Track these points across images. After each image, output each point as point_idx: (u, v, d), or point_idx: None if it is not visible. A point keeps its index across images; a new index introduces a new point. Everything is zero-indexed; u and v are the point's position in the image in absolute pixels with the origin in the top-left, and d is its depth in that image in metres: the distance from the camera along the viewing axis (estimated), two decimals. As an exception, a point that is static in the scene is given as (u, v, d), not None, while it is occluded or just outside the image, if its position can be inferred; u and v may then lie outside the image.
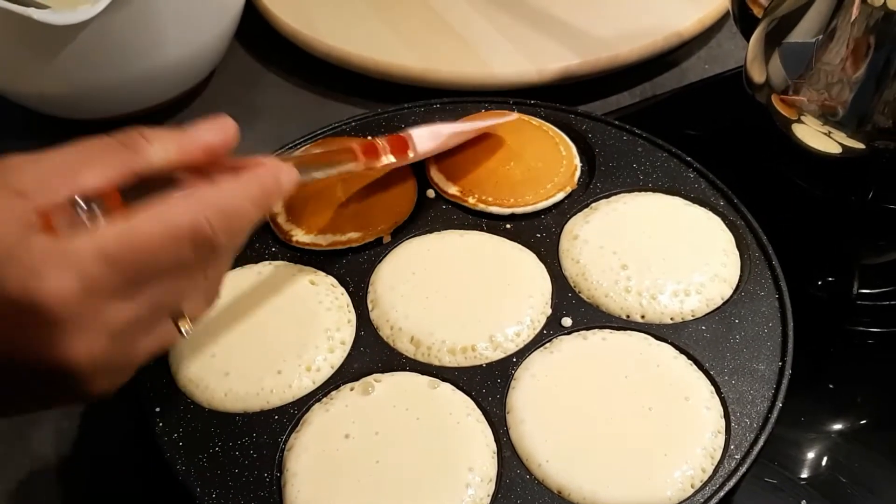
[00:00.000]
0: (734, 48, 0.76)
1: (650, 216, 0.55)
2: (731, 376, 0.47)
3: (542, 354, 0.48)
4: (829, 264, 0.58)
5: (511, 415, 0.46)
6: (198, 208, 0.35)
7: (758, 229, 0.53)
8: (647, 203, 0.56)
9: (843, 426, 0.52)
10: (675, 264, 0.52)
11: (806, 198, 0.60)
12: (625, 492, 0.43)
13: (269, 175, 0.40)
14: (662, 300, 0.50)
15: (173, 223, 0.34)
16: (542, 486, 0.43)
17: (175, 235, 0.34)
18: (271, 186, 0.40)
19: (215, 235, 0.35)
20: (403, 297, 0.51)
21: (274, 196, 0.40)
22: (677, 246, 0.53)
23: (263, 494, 0.43)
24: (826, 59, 0.52)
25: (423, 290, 0.51)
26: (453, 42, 0.73)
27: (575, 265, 0.52)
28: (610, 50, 0.71)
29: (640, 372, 0.47)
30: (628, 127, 0.60)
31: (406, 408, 0.46)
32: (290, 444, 0.45)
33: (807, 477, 0.49)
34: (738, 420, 0.45)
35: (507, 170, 0.57)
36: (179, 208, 0.35)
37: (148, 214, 0.34)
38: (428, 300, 0.50)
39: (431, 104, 0.63)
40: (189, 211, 0.35)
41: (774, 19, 0.56)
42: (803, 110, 0.54)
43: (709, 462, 0.44)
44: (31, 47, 0.61)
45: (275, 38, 0.76)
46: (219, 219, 0.35)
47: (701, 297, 0.50)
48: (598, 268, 0.52)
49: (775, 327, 0.49)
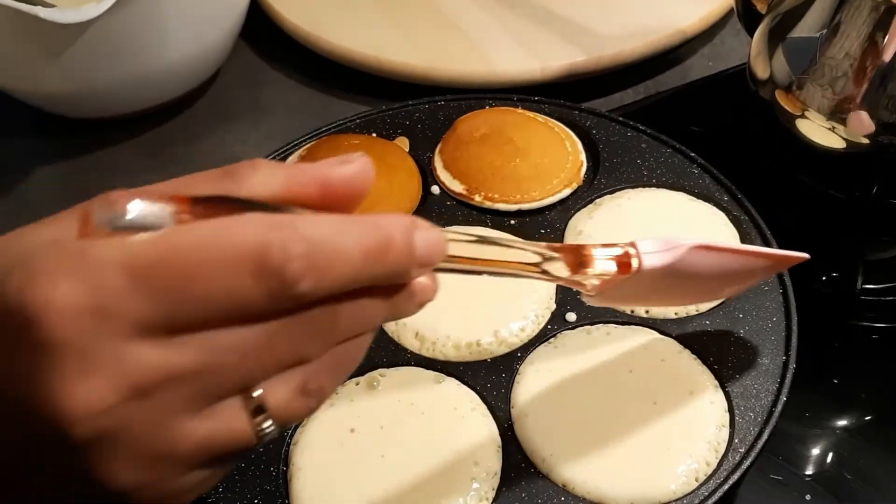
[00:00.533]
0: (738, 45, 0.76)
1: (654, 212, 0.55)
2: (736, 370, 0.47)
3: (546, 349, 0.48)
4: (833, 260, 0.58)
5: (516, 409, 0.46)
6: (272, 229, 0.25)
7: (762, 225, 0.53)
8: (651, 199, 0.56)
9: (848, 422, 0.52)
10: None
11: (810, 193, 0.60)
12: (629, 485, 0.43)
13: (398, 226, 0.28)
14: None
15: (232, 240, 0.25)
16: (546, 479, 0.43)
17: (230, 255, 0.25)
18: (397, 242, 0.28)
19: (290, 270, 0.25)
20: (408, 293, 0.51)
21: (394, 257, 0.28)
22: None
23: (269, 488, 0.44)
24: (830, 53, 0.52)
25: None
26: (457, 40, 0.73)
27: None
28: (613, 47, 0.71)
29: (645, 366, 0.47)
30: (632, 123, 0.60)
31: (411, 402, 0.46)
32: (295, 439, 0.45)
33: (811, 472, 0.49)
34: (743, 414, 0.45)
35: (514, 166, 0.57)
36: (247, 224, 0.25)
37: (202, 224, 0.25)
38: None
39: (435, 101, 0.63)
40: (259, 229, 0.25)
41: (778, 15, 0.57)
42: (807, 106, 0.54)
43: (713, 456, 0.44)
44: (37, 46, 0.61)
45: (280, 36, 0.77)
46: (301, 249, 0.25)
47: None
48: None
49: (779, 322, 0.49)
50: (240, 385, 0.27)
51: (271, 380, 0.27)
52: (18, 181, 0.68)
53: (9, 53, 0.63)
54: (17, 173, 0.69)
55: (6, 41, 0.62)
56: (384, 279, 0.28)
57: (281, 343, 0.27)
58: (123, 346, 0.24)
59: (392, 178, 0.57)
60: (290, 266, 0.25)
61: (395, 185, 0.56)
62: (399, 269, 0.28)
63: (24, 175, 0.68)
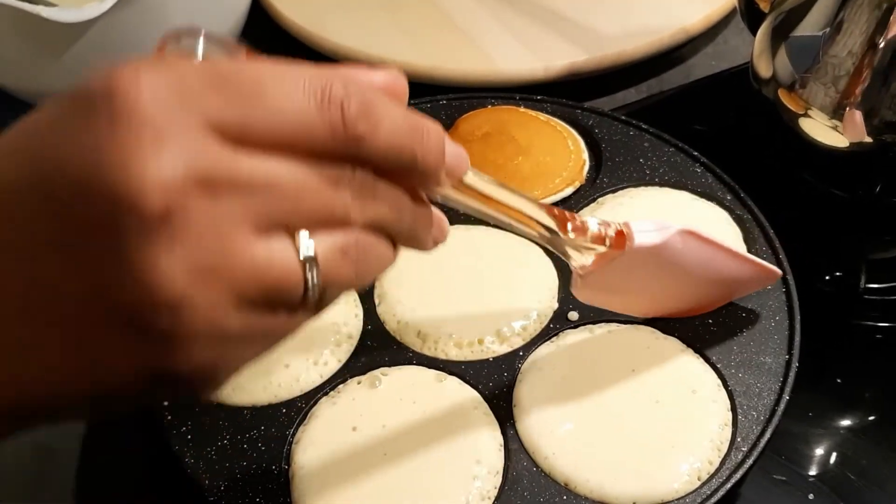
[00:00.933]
0: (741, 44, 0.76)
1: (657, 210, 0.55)
2: (738, 369, 0.47)
3: (548, 348, 0.48)
4: (837, 259, 0.58)
5: (518, 408, 0.46)
6: (338, 75, 0.28)
7: (765, 224, 0.53)
8: (653, 197, 0.56)
9: (851, 421, 0.52)
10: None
11: (813, 192, 0.60)
12: (631, 484, 0.43)
13: (434, 124, 0.30)
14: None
15: (301, 71, 0.27)
16: (548, 478, 0.43)
17: (300, 80, 0.27)
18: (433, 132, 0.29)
19: (349, 108, 0.27)
20: (410, 292, 0.51)
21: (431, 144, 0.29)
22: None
23: (272, 487, 0.44)
24: (833, 52, 0.52)
25: (429, 285, 0.51)
26: (459, 39, 0.73)
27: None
28: (616, 46, 0.71)
29: (647, 365, 0.47)
30: (635, 122, 0.60)
31: (413, 401, 0.46)
32: (297, 438, 0.45)
33: (814, 472, 0.49)
34: (745, 413, 0.45)
35: (516, 164, 0.57)
36: (315, 69, 0.28)
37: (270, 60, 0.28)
38: (434, 294, 0.51)
39: (437, 100, 0.63)
40: (326, 72, 0.28)
41: (781, 13, 0.56)
42: (810, 104, 0.54)
43: (716, 454, 0.44)
44: (39, 45, 0.61)
45: (281, 36, 0.76)
46: (360, 97, 0.27)
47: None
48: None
49: (782, 321, 0.49)
50: (294, 220, 0.27)
51: (318, 232, 0.27)
52: (21, 180, 0.68)
53: (11, 53, 0.63)
54: (19, 172, 0.68)
55: (8, 41, 0.62)
56: (420, 168, 0.29)
57: (332, 191, 0.27)
58: (200, 134, 0.25)
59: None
60: (351, 105, 0.27)
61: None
62: (432, 161, 0.30)
63: (27, 174, 0.68)
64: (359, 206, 0.28)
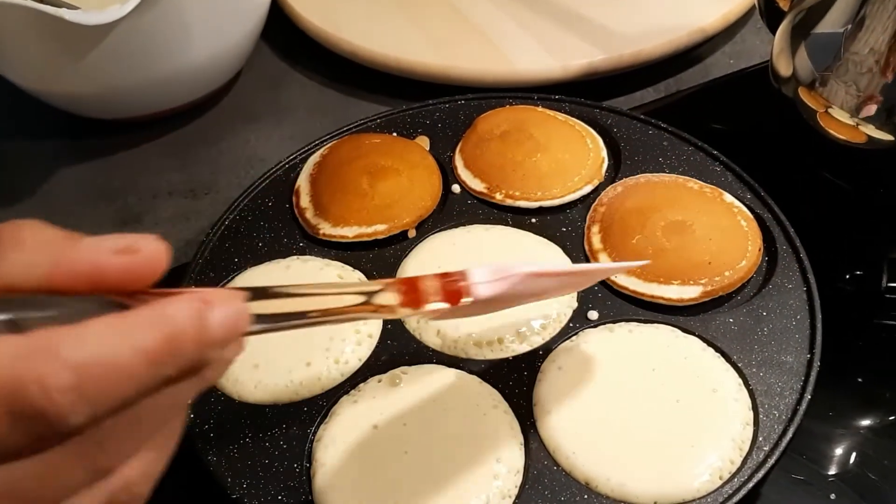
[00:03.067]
0: (758, 43, 0.76)
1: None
2: (759, 368, 0.47)
3: (568, 347, 0.48)
4: (858, 257, 0.57)
5: (538, 407, 0.46)
6: (26, 360, 0.22)
7: (785, 222, 0.53)
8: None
9: (872, 421, 0.52)
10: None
11: (834, 191, 0.60)
12: (652, 483, 0.43)
13: (187, 314, 0.25)
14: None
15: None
16: (569, 477, 0.43)
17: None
18: (188, 334, 0.25)
19: (54, 407, 0.22)
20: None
21: (188, 351, 0.25)
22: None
23: (293, 485, 0.44)
24: (855, 49, 0.52)
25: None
26: (477, 39, 0.73)
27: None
28: (634, 46, 0.71)
29: (668, 364, 0.47)
30: (654, 121, 0.60)
31: (433, 399, 0.46)
32: (319, 436, 0.45)
33: (835, 472, 0.49)
34: (767, 412, 0.45)
35: (535, 161, 0.57)
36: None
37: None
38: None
39: (456, 100, 0.63)
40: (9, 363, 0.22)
41: (802, 10, 0.56)
42: (830, 102, 0.54)
43: (737, 454, 0.43)
44: (61, 47, 0.62)
45: (300, 37, 0.77)
46: (66, 380, 0.22)
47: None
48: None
49: (803, 320, 0.49)
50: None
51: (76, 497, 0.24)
52: (43, 182, 0.69)
53: (34, 55, 0.64)
54: (41, 174, 0.69)
55: (31, 43, 0.62)
56: (180, 374, 0.25)
57: (69, 468, 0.24)
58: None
59: (413, 176, 0.57)
60: (55, 402, 0.22)
61: (415, 183, 0.57)
62: (195, 360, 0.26)
63: (49, 175, 0.69)
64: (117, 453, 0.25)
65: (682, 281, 0.50)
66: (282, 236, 0.55)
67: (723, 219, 0.53)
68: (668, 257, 0.51)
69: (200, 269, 0.53)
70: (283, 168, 0.59)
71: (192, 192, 0.67)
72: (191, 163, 0.69)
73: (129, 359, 0.24)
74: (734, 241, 0.52)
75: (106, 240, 0.26)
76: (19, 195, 0.68)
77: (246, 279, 0.53)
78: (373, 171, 0.57)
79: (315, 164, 0.59)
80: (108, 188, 0.68)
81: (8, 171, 0.70)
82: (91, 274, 0.26)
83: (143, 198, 0.67)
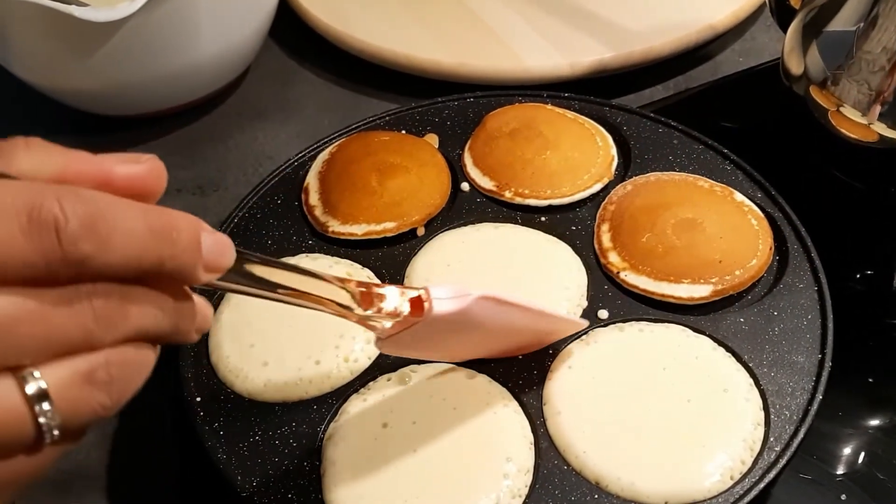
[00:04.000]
0: (768, 41, 0.76)
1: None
2: (771, 368, 0.47)
3: (578, 346, 0.48)
4: (869, 257, 0.57)
5: (548, 406, 0.46)
6: (48, 189, 0.24)
7: (796, 221, 0.53)
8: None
9: (882, 421, 0.52)
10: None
11: (845, 190, 0.59)
12: (663, 483, 0.42)
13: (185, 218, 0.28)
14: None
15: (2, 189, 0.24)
16: (579, 476, 0.43)
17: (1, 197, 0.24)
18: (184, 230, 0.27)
19: (67, 228, 0.24)
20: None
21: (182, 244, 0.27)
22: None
23: (303, 483, 0.44)
24: (867, 47, 0.52)
25: (459, 281, 0.51)
26: (486, 37, 0.73)
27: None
28: (643, 43, 0.70)
29: (678, 364, 0.47)
30: (664, 119, 0.60)
31: (443, 398, 0.46)
32: (328, 434, 0.45)
33: (846, 472, 0.49)
34: (778, 412, 0.45)
35: (544, 159, 0.57)
36: (18, 184, 0.25)
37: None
38: (464, 292, 0.51)
39: (465, 98, 0.63)
40: (33, 187, 0.24)
41: (813, 9, 0.56)
42: (842, 101, 0.54)
43: (748, 454, 0.43)
44: (70, 44, 0.62)
45: (308, 34, 0.77)
46: (81, 209, 0.24)
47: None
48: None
49: (814, 319, 0.48)
50: (10, 356, 0.24)
51: (53, 363, 0.25)
52: (52, 178, 0.69)
53: (42, 52, 0.64)
54: (50, 171, 0.69)
55: (40, 40, 0.62)
56: (171, 269, 0.27)
57: (65, 316, 0.25)
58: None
59: (422, 174, 0.57)
60: (68, 224, 0.24)
61: (424, 181, 0.56)
62: (186, 261, 0.27)
63: (58, 172, 0.69)
64: (104, 325, 0.26)
65: (692, 280, 0.50)
66: (291, 234, 0.55)
67: (733, 217, 0.53)
68: (678, 255, 0.51)
69: (209, 266, 0.53)
70: (291, 165, 0.59)
71: (201, 189, 0.67)
72: (199, 160, 0.69)
73: (136, 220, 0.26)
74: (745, 239, 0.51)
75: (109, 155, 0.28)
76: (28, 192, 0.68)
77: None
78: (382, 168, 0.56)
79: (324, 162, 0.59)
80: (116, 185, 0.68)
81: (16, 168, 0.70)
82: (98, 179, 0.27)
83: (152, 195, 0.67)
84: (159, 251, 0.26)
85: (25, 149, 0.27)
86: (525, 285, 0.51)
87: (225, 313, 0.51)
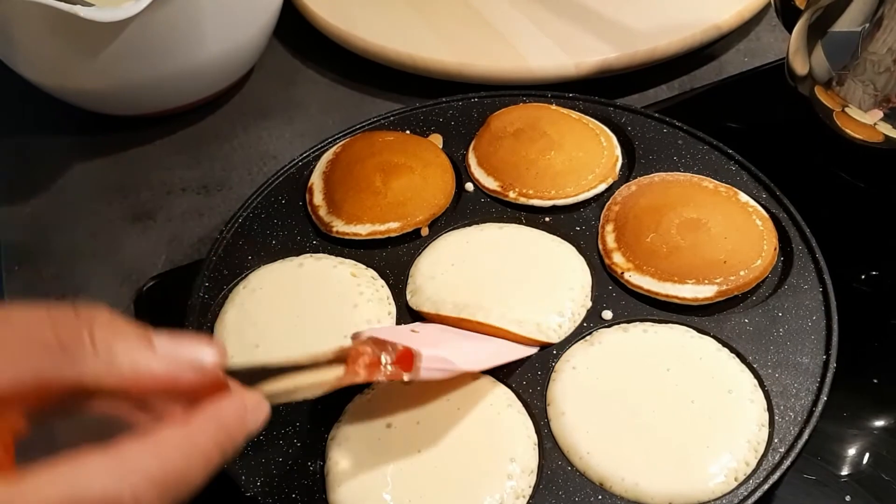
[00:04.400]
0: (773, 41, 0.76)
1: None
2: (775, 369, 0.46)
3: (582, 347, 0.48)
4: (873, 258, 0.57)
5: (552, 407, 0.46)
6: (121, 473, 0.26)
7: (801, 222, 0.53)
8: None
9: (887, 422, 0.52)
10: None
11: (850, 190, 0.59)
12: (667, 484, 0.42)
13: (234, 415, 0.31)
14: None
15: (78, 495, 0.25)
16: (583, 477, 0.43)
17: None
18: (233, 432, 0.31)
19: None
20: (443, 289, 0.51)
21: (232, 444, 0.31)
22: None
23: (307, 483, 0.44)
24: (872, 48, 0.51)
25: (462, 283, 0.51)
26: (490, 37, 0.73)
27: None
28: (648, 43, 0.70)
29: (683, 364, 0.47)
30: (668, 119, 0.60)
31: (447, 398, 0.46)
32: (332, 434, 0.45)
33: (850, 473, 0.49)
34: (782, 413, 0.45)
35: (548, 159, 0.57)
36: (94, 472, 0.26)
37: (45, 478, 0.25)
38: (467, 293, 0.50)
39: (469, 98, 0.63)
40: (108, 478, 0.26)
41: (819, 9, 0.56)
42: (847, 102, 0.53)
43: (752, 455, 0.43)
44: (76, 44, 0.62)
45: (313, 34, 0.77)
46: (151, 491, 0.26)
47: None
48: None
49: (819, 321, 0.48)
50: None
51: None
52: (57, 177, 0.69)
53: (48, 52, 0.64)
54: (55, 169, 0.70)
55: (46, 40, 0.63)
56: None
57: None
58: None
59: (426, 174, 0.57)
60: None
61: (429, 181, 0.56)
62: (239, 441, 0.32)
63: (62, 171, 0.69)
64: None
65: (696, 280, 0.50)
66: (295, 234, 0.55)
67: (738, 218, 0.52)
68: (683, 255, 0.51)
69: (214, 266, 0.53)
70: (296, 165, 0.59)
71: (205, 188, 0.67)
72: (203, 159, 0.70)
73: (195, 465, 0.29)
74: (749, 240, 0.51)
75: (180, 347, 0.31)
76: (34, 190, 0.68)
77: (259, 277, 0.53)
78: (386, 168, 0.57)
79: (328, 162, 0.59)
80: (121, 184, 0.68)
81: (22, 167, 0.70)
82: (167, 385, 0.30)
83: (157, 194, 0.67)
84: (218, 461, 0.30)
85: (93, 349, 0.28)
86: (529, 286, 0.51)
87: (229, 313, 0.51)
